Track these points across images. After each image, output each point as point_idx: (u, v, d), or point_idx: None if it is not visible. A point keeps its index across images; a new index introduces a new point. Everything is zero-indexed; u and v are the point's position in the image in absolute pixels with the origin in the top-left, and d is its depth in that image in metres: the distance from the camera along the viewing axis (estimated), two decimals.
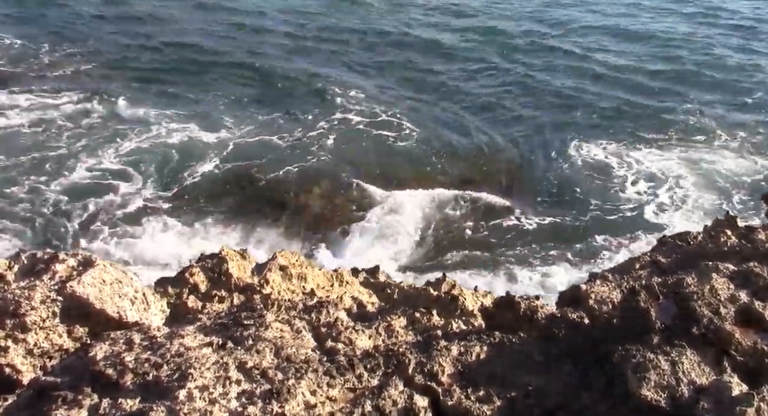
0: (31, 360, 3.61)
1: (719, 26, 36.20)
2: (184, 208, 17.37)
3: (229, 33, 30.14)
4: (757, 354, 3.34)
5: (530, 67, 28.70)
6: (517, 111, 24.51)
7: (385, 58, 28.73)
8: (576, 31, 34.37)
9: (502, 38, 32.46)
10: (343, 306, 4.71)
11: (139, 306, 4.04)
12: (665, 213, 18.56)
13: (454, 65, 28.57)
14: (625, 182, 20.03)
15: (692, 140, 22.65)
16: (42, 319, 3.68)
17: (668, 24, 36.22)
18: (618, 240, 17.31)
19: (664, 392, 3.04)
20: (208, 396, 2.87)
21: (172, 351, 3.19)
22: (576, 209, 18.63)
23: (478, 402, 3.19)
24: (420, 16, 34.95)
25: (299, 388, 3.01)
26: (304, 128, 21.90)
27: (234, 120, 22.09)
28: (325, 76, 26.05)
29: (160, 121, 21.39)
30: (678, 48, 31.92)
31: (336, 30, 31.85)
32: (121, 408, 2.79)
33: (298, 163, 19.72)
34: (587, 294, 4.00)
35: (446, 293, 6.14)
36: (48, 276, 3.91)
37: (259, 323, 3.53)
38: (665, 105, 25.26)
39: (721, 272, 4.01)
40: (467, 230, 17.54)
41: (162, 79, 24.63)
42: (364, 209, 17.93)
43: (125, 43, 28.02)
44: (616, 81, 27.68)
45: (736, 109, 25.32)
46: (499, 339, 3.66)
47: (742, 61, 30.32)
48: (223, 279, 5.39)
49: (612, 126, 23.40)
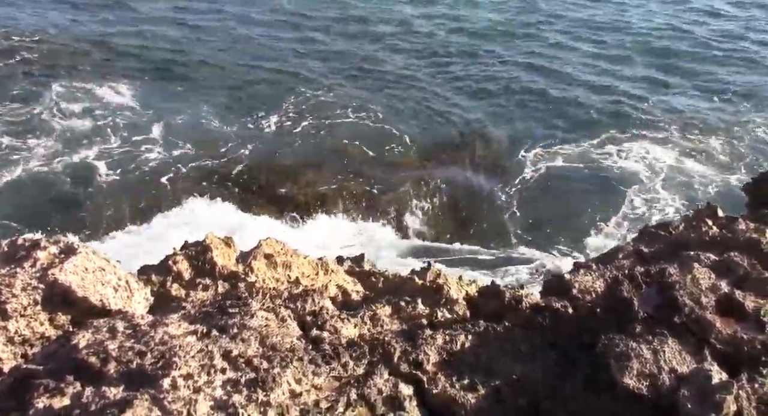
0: (12, 348, 3.56)
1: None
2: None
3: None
4: (736, 342, 3.39)
5: (505, 60, 28.59)
6: (492, 99, 24.50)
7: (359, 50, 28.46)
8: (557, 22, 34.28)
9: (471, 26, 32.31)
10: (329, 294, 4.70)
11: (122, 293, 4.00)
12: (647, 204, 18.73)
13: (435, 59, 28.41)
14: (607, 172, 20.18)
15: (666, 132, 22.81)
16: (23, 307, 3.63)
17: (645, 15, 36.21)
18: (599, 228, 17.47)
19: (647, 380, 3.08)
20: (192, 385, 2.86)
21: (156, 340, 3.16)
22: (558, 200, 18.74)
23: (463, 390, 3.22)
24: (398, 8, 34.56)
25: (284, 377, 3.00)
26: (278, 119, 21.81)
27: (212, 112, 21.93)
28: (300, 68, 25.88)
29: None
30: (659, 39, 32.00)
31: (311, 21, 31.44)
32: (104, 397, 2.77)
33: (282, 150, 19.68)
34: (571, 283, 4.04)
35: (431, 282, 6.15)
36: (29, 263, 3.85)
37: (244, 311, 3.52)
38: (645, 97, 25.40)
39: (702, 262, 4.06)
40: (450, 218, 17.61)
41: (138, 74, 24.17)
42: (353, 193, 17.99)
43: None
44: (601, 72, 27.77)
45: (717, 103, 25.53)
46: (483, 328, 3.68)
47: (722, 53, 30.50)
48: (207, 267, 5.36)
49: (594, 118, 23.47)
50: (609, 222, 17.73)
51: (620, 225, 17.66)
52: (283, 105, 22.68)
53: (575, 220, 17.73)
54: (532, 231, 17.22)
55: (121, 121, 20.57)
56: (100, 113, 20.96)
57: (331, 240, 16.10)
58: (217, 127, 20.95)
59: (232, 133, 20.54)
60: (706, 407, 2.88)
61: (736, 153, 21.64)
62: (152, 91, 22.85)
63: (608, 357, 3.23)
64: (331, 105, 22.92)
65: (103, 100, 21.82)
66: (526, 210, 18.13)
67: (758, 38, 32.80)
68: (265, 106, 22.57)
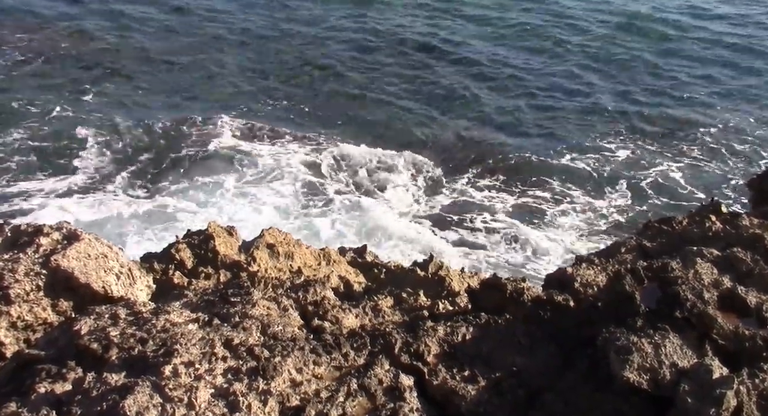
0: (15, 333, 3.58)
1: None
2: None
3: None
4: (738, 338, 3.39)
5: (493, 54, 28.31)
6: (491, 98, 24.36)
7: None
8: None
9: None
10: (331, 285, 4.71)
11: (124, 281, 4.02)
12: (641, 199, 18.67)
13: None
14: (600, 170, 20.05)
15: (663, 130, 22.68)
16: (26, 292, 3.64)
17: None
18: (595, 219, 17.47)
19: (647, 374, 3.08)
20: (193, 372, 2.87)
21: (158, 327, 3.17)
22: (557, 193, 18.70)
23: (463, 381, 3.22)
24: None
25: (285, 366, 3.01)
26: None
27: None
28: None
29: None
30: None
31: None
32: (105, 383, 2.78)
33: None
34: (573, 277, 4.03)
35: (433, 274, 6.16)
36: (32, 249, 3.86)
37: (246, 300, 3.52)
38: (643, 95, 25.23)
39: (705, 257, 4.05)
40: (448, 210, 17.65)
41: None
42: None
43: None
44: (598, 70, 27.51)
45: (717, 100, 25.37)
46: (485, 320, 3.68)
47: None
48: (209, 256, 5.37)
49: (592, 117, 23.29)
50: (606, 218, 17.64)
51: (618, 222, 17.55)
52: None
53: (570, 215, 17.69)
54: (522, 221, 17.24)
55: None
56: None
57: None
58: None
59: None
60: (706, 402, 2.88)
61: (741, 150, 21.54)
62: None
63: (609, 351, 3.23)
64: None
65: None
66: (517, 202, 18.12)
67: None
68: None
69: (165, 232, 14.74)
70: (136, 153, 18.61)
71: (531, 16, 32.76)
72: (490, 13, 32.80)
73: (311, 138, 20.31)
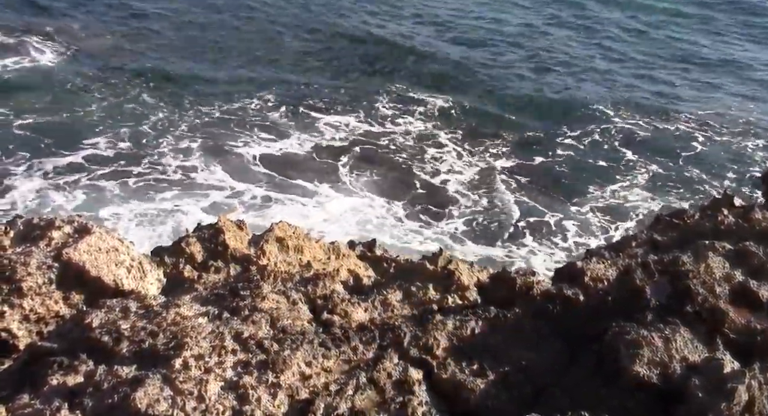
0: (27, 326, 3.62)
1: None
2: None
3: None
4: (749, 332, 3.36)
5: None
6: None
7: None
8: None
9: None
10: (340, 279, 4.72)
11: (135, 274, 4.04)
12: (651, 193, 18.53)
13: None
14: (606, 162, 19.93)
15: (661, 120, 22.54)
16: (38, 285, 3.67)
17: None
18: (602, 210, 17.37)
19: (657, 368, 3.07)
20: (203, 365, 2.89)
21: (168, 320, 3.19)
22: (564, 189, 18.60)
23: (472, 375, 3.22)
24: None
25: (295, 359, 3.02)
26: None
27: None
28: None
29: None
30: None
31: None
32: (116, 375, 2.81)
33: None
34: (583, 271, 4.01)
35: (443, 268, 6.15)
36: (44, 242, 3.90)
37: (256, 294, 3.54)
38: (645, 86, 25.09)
39: (717, 251, 4.02)
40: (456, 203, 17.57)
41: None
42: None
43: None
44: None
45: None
46: (494, 314, 3.67)
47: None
48: (219, 249, 5.39)
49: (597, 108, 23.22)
50: (613, 212, 17.53)
51: (627, 215, 17.42)
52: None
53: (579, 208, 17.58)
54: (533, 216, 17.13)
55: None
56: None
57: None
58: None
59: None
60: (717, 396, 2.86)
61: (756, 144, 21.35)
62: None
63: (618, 345, 3.21)
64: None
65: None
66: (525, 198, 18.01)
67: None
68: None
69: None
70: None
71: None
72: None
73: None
